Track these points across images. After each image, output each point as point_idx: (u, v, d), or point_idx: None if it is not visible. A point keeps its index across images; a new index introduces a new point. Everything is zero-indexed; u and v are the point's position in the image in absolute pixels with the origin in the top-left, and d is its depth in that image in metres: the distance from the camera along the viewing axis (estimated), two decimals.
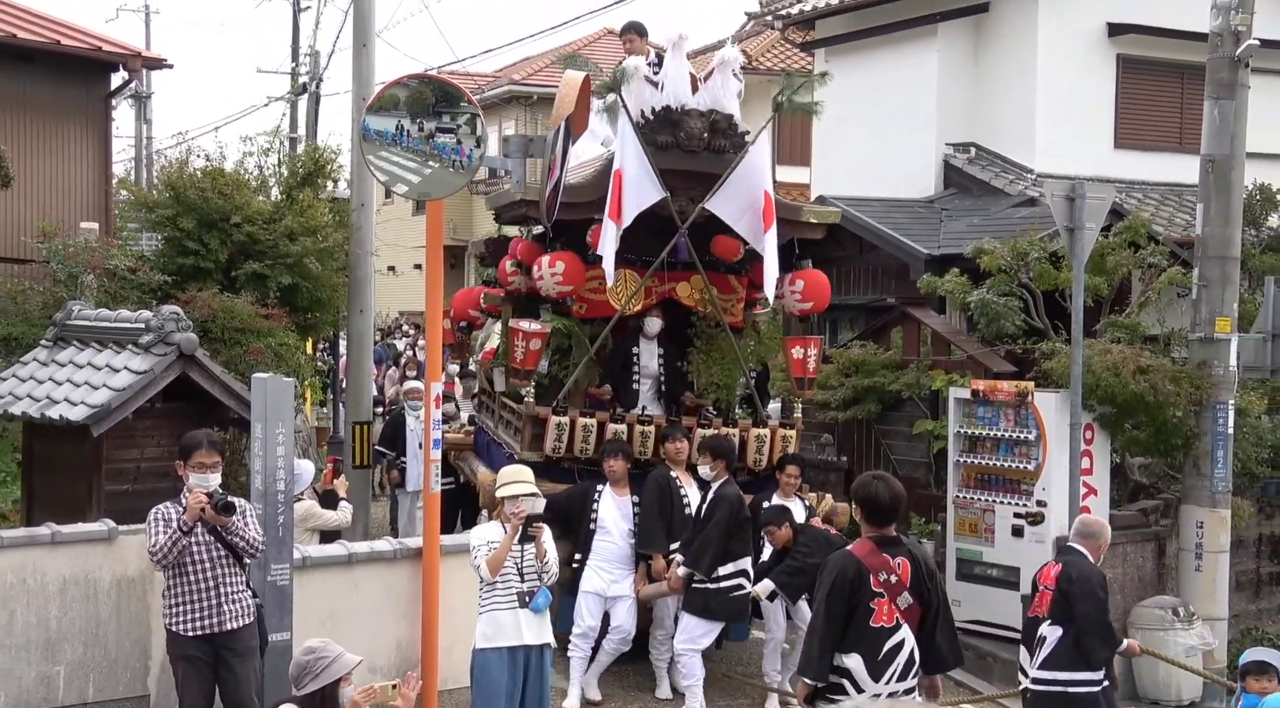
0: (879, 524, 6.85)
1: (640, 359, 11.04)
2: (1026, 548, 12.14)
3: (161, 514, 7.20)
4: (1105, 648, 8.25)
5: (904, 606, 6.73)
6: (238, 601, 7.32)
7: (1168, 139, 18.05)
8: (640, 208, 10.12)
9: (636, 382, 11.02)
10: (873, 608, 6.70)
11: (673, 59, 10.62)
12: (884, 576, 6.71)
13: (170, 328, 9.75)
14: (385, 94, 8.26)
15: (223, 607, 7.23)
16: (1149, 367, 12.20)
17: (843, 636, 6.73)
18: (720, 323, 10.96)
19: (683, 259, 10.75)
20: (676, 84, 10.55)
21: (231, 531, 7.23)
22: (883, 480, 6.96)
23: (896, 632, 6.72)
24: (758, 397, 11.38)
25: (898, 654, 6.72)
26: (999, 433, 12.47)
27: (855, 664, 6.68)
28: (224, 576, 7.26)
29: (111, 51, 17.06)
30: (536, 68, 34.25)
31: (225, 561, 7.28)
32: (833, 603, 6.74)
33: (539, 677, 7.77)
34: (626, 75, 10.39)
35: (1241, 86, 12.33)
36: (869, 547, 6.80)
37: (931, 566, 7.02)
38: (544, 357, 10.63)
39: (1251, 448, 13.41)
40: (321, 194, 17.98)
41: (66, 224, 15.31)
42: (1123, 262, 13.64)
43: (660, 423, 10.58)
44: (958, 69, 18.45)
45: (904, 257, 15.41)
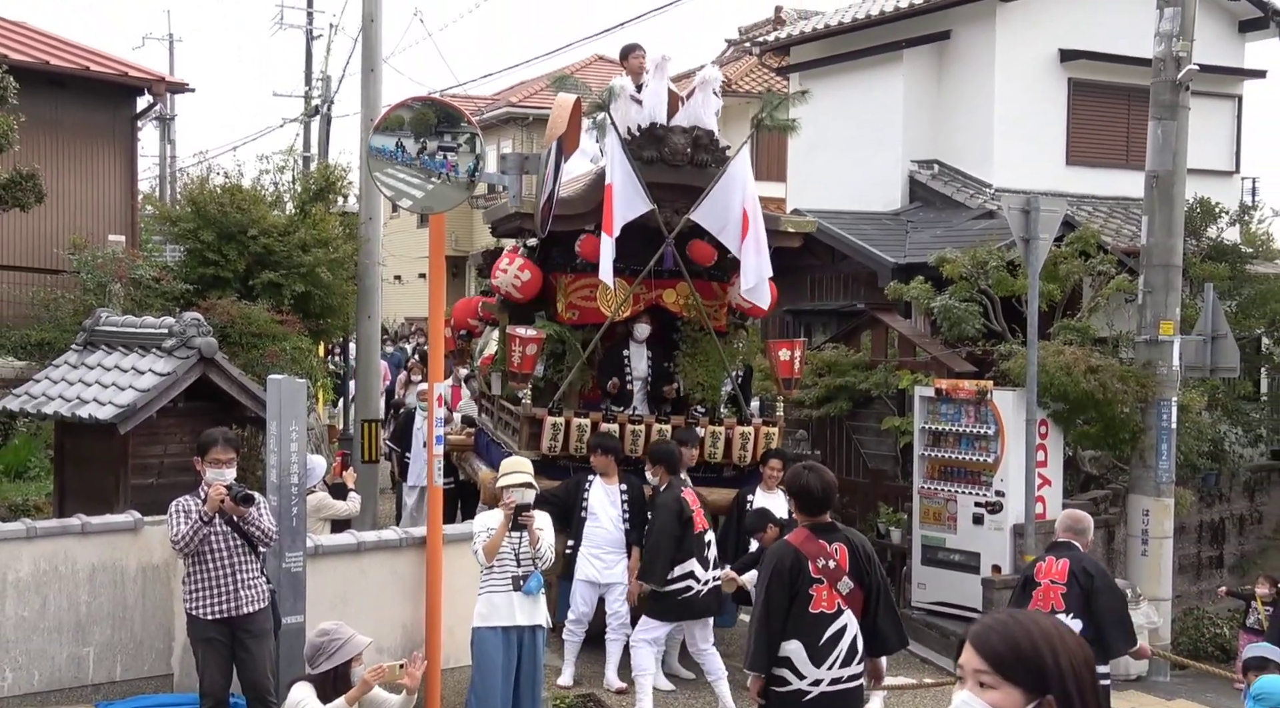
0: (813, 513, 6.51)
1: (631, 362, 10.98)
2: (986, 535, 12.16)
3: (182, 506, 7.20)
4: (1126, 643, 8.11)
5: (845, 591, 6.36)
6: (253, 586, 7.30)
7: (1115, 156, 18.08)
8: (629, 219, 10.07)
9: (629, 383, 10.95)
10: (812, 594, 6.34)
11: (656, 79, 10.59)
12: (822, 562, 6.35)
13: (191, 333, 9.71)
14: (391, 115, 8.23)
15: (239, 592, 7.21)
16: (1099, 367, 12.22)
17: (783, 625, 6.34)
18: (705, 327, 10.84)
19: (669, 267, 10.67)
20: (659, 103, 10.52)
21: (248, 521, 7.21)
22: (814, 471, 6.62)
23: (838, 618, 6.35)
24: (741, 397, 11.22)
25: (840, 640, 6.35)
26: (960, 428, 12.48)
27: (795, 650, 6.31)
28: (240, 563, 7.25)
29: (137, 77, 17.03)
30: (532, 91, 34.20)
31: (241, 549, 7.27)
32: (773, 593, 6.38)
33: (532, 655, 7.72)
34: (614, 95, 10.36)
35: (1182, 108, 12.36)
36: (805, 535, 6.46)
37: (869, 550, 6.58)
38: (539, 361, 10.55)
39: (1193, 442, 13.45)
40: (332, 208, 17.99)
41: (95, 237, 15.30)
42: (1074, 270, 13.67)
43: (650, 423, 10.48)
44: (921, 92, 18.47)
45: (873, 265, 15.42)
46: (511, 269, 10.66)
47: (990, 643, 2.60)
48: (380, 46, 14.86)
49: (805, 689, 6.27)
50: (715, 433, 10.57)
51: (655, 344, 11.08)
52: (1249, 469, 15.08)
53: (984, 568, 12.03)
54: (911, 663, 11.49)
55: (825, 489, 6.48)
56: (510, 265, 10.67)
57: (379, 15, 14.71)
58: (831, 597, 6.33)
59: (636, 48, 11.30)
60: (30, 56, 15.57)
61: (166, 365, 9.55)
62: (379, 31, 14.77)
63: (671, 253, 10.52)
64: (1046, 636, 2.60)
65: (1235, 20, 18.79)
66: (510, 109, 33.51)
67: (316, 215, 16.85)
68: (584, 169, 11.44)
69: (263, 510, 7.38)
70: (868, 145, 18.43)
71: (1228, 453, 14.71)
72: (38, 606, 7.78)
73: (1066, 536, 8.21)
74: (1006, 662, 2.57)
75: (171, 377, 9.46)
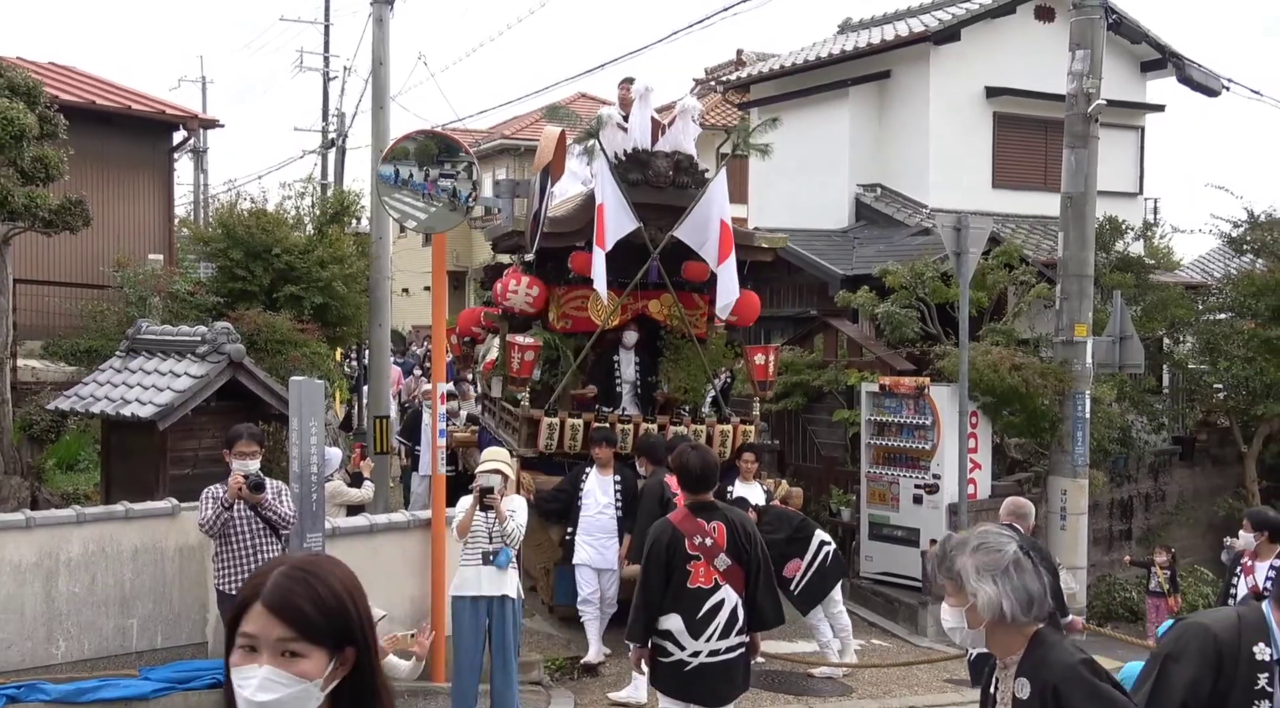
0: (694, 490, 6.18)
1: (620, 367, 10.83)
2: (925, 513, 12.20)
3: (211, 493, 7.22)
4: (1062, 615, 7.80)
5: (722, 567, 6.03)
6: None
7: (1035, 180, 18.14)
8: (618, 236, 9.97)
9: (619, 386, 10.82)
10: (689, 570, 6.02)
11: (640, 109, 10.47)
12: (699, 539, 6.04)
13: (222, 340, 9.68)
14: (397, 146, 8.22)
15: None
16: (1022, 365, 12.27)
17: (661, 599, 6.04)
18: (687, 335, 10.71)
19: (654, 280, 10.56)
20: (644, 130, 10.43)
21: (264, 506, 7.21)
22: (697, 450, 6.31)
23: (716, 592, 6.03)
24: (721, 399, 11.09)
25: (718, 613, 6.03)
26: (902, 420, 12.51)
27: (675, 624, 6.02)
28: (261, 544, 7.26)
29: (173, 114, 16.94)
30: (523, 124, 34.11)
31: (263, 532, 7.29)
32: (650, 568, 6.08)
33: (501, 622, 7.52)
34: (602, 123, 10.28)
35: (1093, 138, 12.42)
36: (684, 513, 6.17)
37: (750, 530, 6.21)
38: (537, 366, 10.44)
39: (1104, 430, 13.51)
40: (347, 229, 17.93)
41: (136, 256, 15.21)
42: (1000, 280, 13.72)
43: (638, 422, 10.37)
44: (865, 124, 18.51)
45: (824, 276, 15.44)
46: (521, 289, 10.49)
47: (296, 607, 2.00)
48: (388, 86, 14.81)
49: (686, 660, 6.03)
50: (697, 431, 10.43)
51: (642, 350, 10.95)
52: (1153, 453, 15.16)
53: (923, 542, 12.06)
54: (860, 626, 11.52)
55: (705, 467, 6.13)
56: (519, 285, 10.50)
57: (387, 59, 14.67)
58: (709, 573, 6.03)
59: (631, 80, 11.18)
60: (78, 97, 15.47)
61: (200, 369, 9.51)
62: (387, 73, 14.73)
63: (657, 267, 10.42)
64: (345, 583, 2.10)
65: (1138, 61, 18.88)
66: (504, 141, 33.43)
67: (333, 236, 16.80)
68: (575, 190, 11.39)
69: (283, 497, 7.36)
70: (819, 171, 18.46)
71: (1135, 439, 14.78)
72: (87, 582, 7.74)
73: (1009, 519, 7.89)
74: (317, 625, 2.01)
75: (205, 379, 9.42)
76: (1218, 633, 3.49)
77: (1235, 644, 3.48)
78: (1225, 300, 15.45)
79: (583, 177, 11.43)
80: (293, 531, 7.55)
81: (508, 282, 10.55)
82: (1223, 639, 3.48)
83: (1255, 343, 14.24)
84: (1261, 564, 7.82)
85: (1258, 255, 15.76)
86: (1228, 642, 3.48)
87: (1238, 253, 16.29)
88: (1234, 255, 16.63)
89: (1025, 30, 18.01)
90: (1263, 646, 3.52)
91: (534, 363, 10.27)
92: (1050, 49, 16.21)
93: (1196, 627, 3.57)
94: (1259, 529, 7.83)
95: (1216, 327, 15.15)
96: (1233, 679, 3.47)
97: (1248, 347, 14.33)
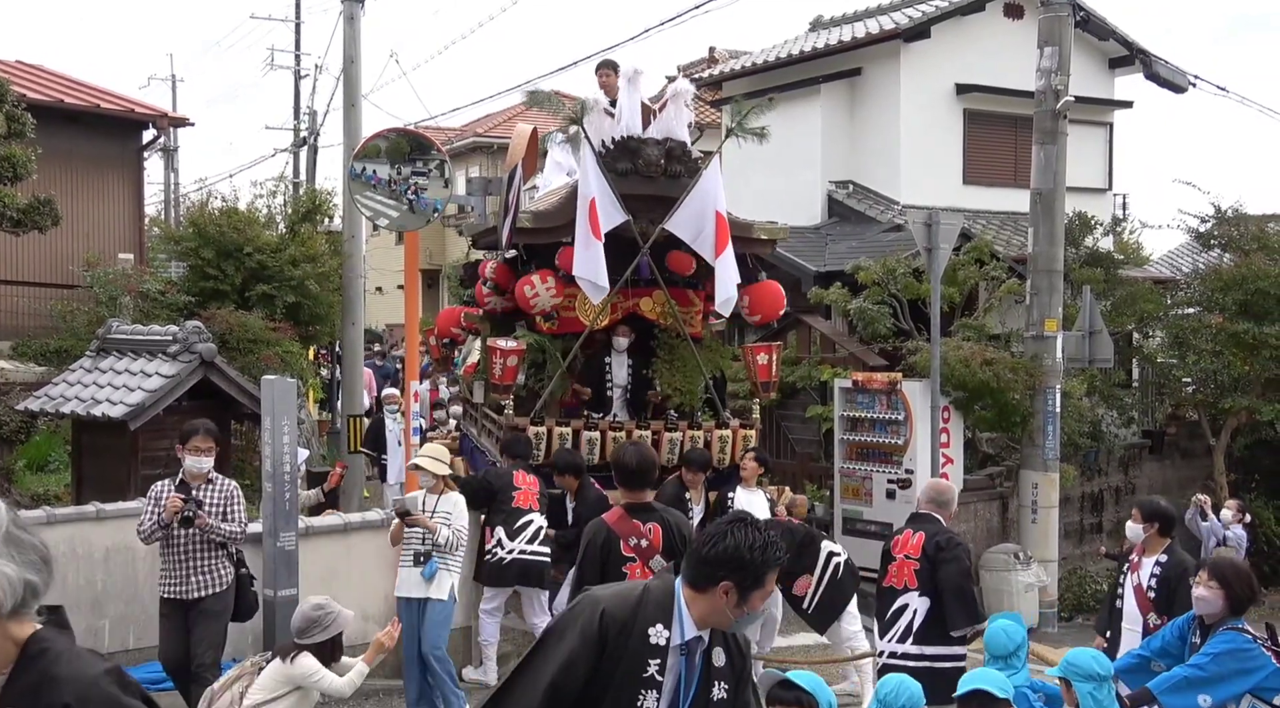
0: (630, 488, 6.01)
1: (612, 370, 10.17)
2: (898, 507, 12.19)
3: (154, 494, 7.01)
4: (966, 617, 6.69)
5: (657, 569, 5.78)
6: (208, 573, 7.03)
7: (1005, 176, 18.22)
8: (605, 230, 9.22)
9: (610, 390, 10.13)
10: (625, 573, 5.86)
11: (628, 93, 9.73)
12: (634, 540, 5.94)
13: (194, 339, 9.62)
14: (369, 144, 8.23)
15: (190, 578, 6.99)
16: (993, 359, 12.32)
17: None
18: (681, 334, 10.07)
19: (645, 276, 9.88)
20: (633, 116, 9.68)
21: (208, 529, 6.95)
22: (634, 447, 6.18)
23: None
24: (718, 401, 10.37)
25: None
26: (875, 415, 12.53)
27: None
28: (196, 553, 7.00)
29: (143, 113, 16.82)
30: (496, 122, 34.05)
31: (199, 540, 7.01)
32: (585, 569, 5.96)
33: (426, 623, 7.63)
34: (587, 109, 9.50)
35: (1062, 134, 12.48)
36: (619, 514, 6.03)
37: (686, 531, 6.08)
38: (521, 371, 9.78)
39: (1075, 424, 13.58)
40: (319, 228, 17.86)
41: (107, 255, 15.09)
42: (971, 275, 13.78)
43: (630, 429, 9.63)
44: (837, 121, 18.55)
45: (797, 273, 15.47)
46: (541, 288, 9.59)
47: None
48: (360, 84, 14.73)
49: None
50: (694, 437, 9.80)
51: (634, 352, 10.25)
52: (1123, 447, 15.25)
53: None
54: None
55: (641, 463, 5.95)
56: (538, 286, 9.60)
57: (358, 57, 14.59)
58: (645, 575, 5.76)
59: (606, 66, 10.58)
60: (47, 95, 15.34)
61: (171, 369, 9.45)
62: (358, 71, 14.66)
63: (648, 262, 9.74)
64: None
65: (1106, 57, 19.00)
66: (476, 138, 33.37)
67: (305, 234, 16.73)
68: (560, 181, 10.83)
69: (233, 506, 7.09)
70: (791, 168, 18.48)
71: (1105, 433, 14.86)
72: (58, 583, 7.65)
73: (929, 507, 6.96)
74: None
75: (176, 378, 9.36)
76: (608, 608, 3.11)
77: (627, 623, 3.11)
78: (1193, 295, 15.57)
79: (567, 167, 10.87)
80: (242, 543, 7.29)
81: (522, 290, 9.69)
82: (611, 615, 3.10)
83: (1223, 337, 14.35)
84: (1148, 560, 6.89)
85: (1225, 250, 15.88)
86: (617, 619, 3.10)
87: (1205, 248, 16.40)
88: (1202, 250, 16.73)
89: (994, 27, 18.08)
90: (660, 628, 3.13)
91: (517, 368, 9.63)
92: (1019, 46, 16.27)
93: (587, 599, 3.18)
94: (1148, 520, 6.95)
95: (1185, 321, 15.25)
96: (616, 661, 3.08)
97: (1215, 341, 14.44)
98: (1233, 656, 5.36)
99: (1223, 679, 5.34)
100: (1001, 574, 12.09)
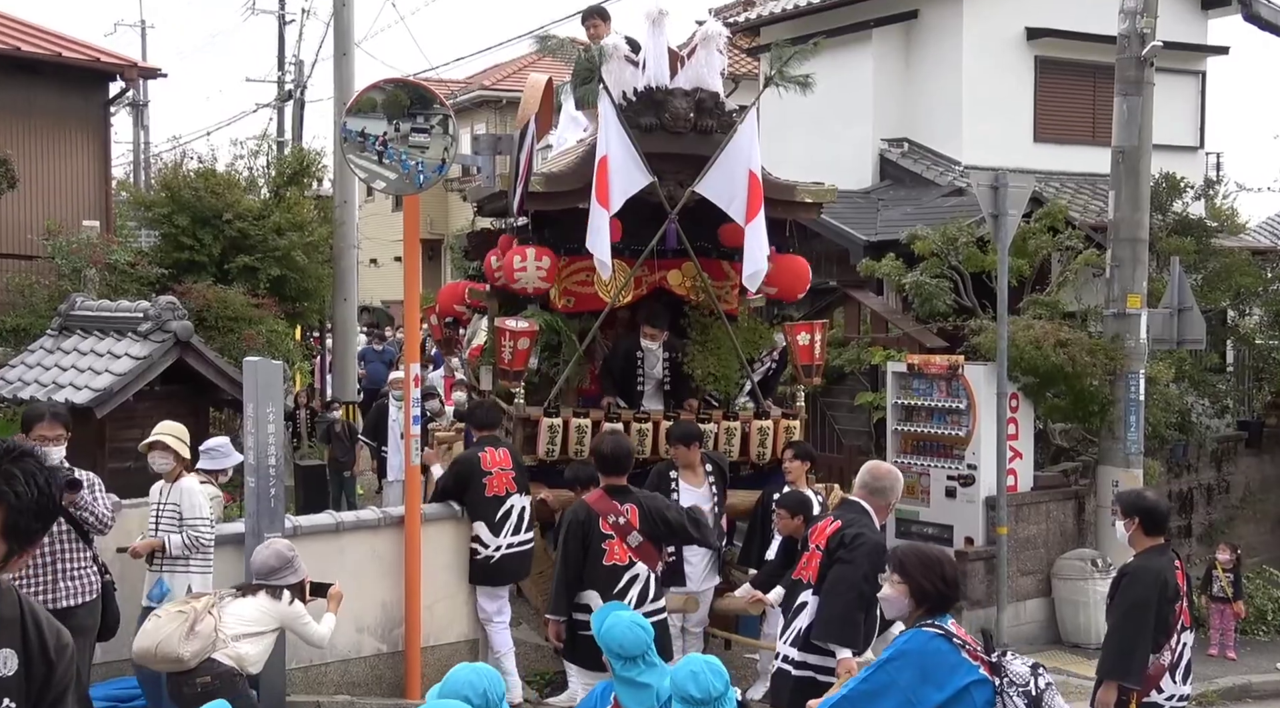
0: (608, 474, 7.40)
1: (644, 364, 9.80)
2: (959, 508, 12.20)
3: None
4: (827, 632, 6.30)
5: (635, 544, 7.27)
6: (77, 578, 6.71)
7: (1082, 133, 18.11)
8: (628, 194, 9.06)
9: (641, 384, 9.84)
10: (604, 549, 7.23)
11: (653, 37, 9.48)
12: (613, 519, 7.26)
13: (168, 316, 9.68)
14: (364, 97, 8.18)
15: (59, 583, 6.61)
16: (1068, 340, 12.26)
17: (580, 575, 7.22)
18: (715, 312, 9.81)
19: (673, 246, 9.63)
20: (658, 63, 9.42)
21: (79, 506, 6.61)
22: (614, 435, 7.63)
23: (630, 568, 7.27)
24: (759, 390, 10.08)
25: (632, 587, 7.25)
26: (933, 403, 12.50)
27: (594, 598, 7.12)
28: (63, 550, 6.65)
29: (109, 63, 16.86)
30: (505, 73, 34.07)
31: (66, 535, 6.66)
32: (568, 545, 7.26)
33: None
34: (605, 55, 9.25)
35: (1147, 84, 12.39)
36: (599, 495, 7.38)
37: (664, 514, 7.44)
38: (533, 354, 9.55)
39: (1160, 413, 13.50)
40: (307, 192, 17.91)
41: (69, 223, 15.17)
42: (1043, 245, 13.70)
43: (658, 420, 9.46)
44: (891, 70, 18.47)
45: (844, 243, 15.41)
46: (531, 264, 9.45)
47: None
48: (352, 30, 14.82)
49: None
50: (730, 429, 9.63)
51: (671, 347, 9.92)
52: (1216, 440, 15.16)
53: (957, 540, 12.09)
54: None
55: (616, 451, 7.42)
56: (528, 261, 9.45)
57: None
58: (623, 550, 7.26)
59: (595, 15, 10.34)
60: (1, 43, 15.42)
61: (143, 349, 9.51)
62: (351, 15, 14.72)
63: (675, 230, 9.50)
64: None
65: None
66: (483, 92, 33.40)
67: (291, 199, 16.78)
68: (576, 138, 10.71)
69: (97, 494, 6.79)
70: (838, 124, 18.41)
71: (1195, 424, 14.78)
72: None
73: (859, 494, 6.61)
74: None
75: (148, 360, 9.42)
76: None
77: None
78: None
79: (584, 123, 10.77)
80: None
81: (511, 259, 9.55)
82: None
83: None
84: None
85: None
86: None
87: None
88: None
89: None
90: None
91: (528, 352, 9.43)
92: None
93: None
94: (1128, 515, 6.75)
95: None
96: None
97: None
98: (910, 659, 4.47)
99: (891, 691, 4.45)
100: (1076, 583, 12.06)
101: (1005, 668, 4.44)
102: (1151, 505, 6.79)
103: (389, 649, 8.56)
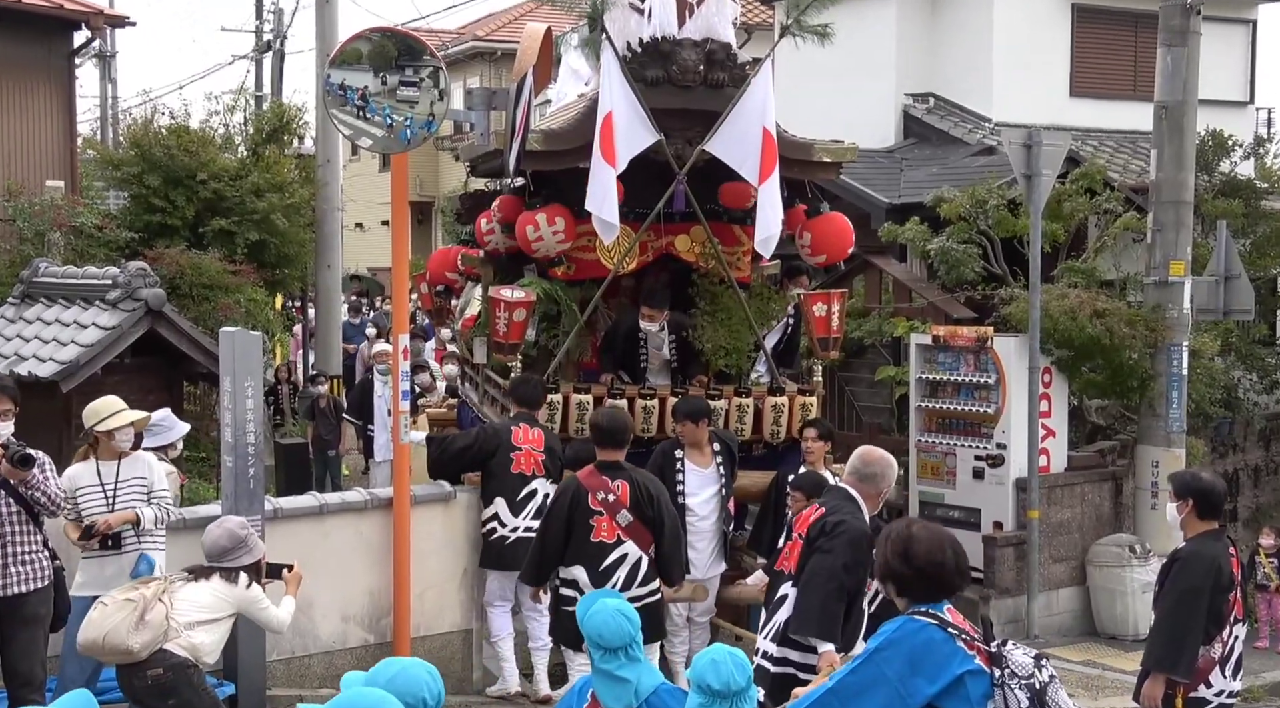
0: (605, 447, 7.66)
1: (648, 344, 9.81)
2: (987, 490, 12.22)
3: None
4: (806, 619, 6.19)
5: (624, 523, 7.50)
6: (28, 562, 6.66)
7: (1122, 87, 18.06)
8: (633, 153, 8.90)
9: (644, 361, 9.84)
10: (592, 525, 7.49)
11: None
12: (602, 495, 7.51)
13: (138, 284, 9.68)
14: (348, 48, 8.15)
15: (8, 568, 6.57)
16: (1105, 310, 12.25)
17: (564, 551, 7.52)
18: (726, 279, 9.68)
19: (680, 209, 9.46)
20: (665, 11, 9.31)
21: (29, 485, 6.57)
22: (611, 411, 8.04)
23: (618, 547, 7.51)
24: (771, 361, 10.00)
25: (619, 566, 7.50)
26: (959, 378, 12.50)
27: (580, 575, 7.46)
28: (13, 534, 6.60)
29: (73, 9, 16.78)
30: (500, 23, 33.97)
31: (16, 517, 6.62)
32: (549, 522, 7.61)
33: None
34: (608, 3, 9.14)
35: (1193, 33, 12.33)
36: (589, 471, 7.63)
37: (654, 490, 7.68)
38: (530, 326, 9.51)
39: (1205, 389, 13.50)
40: (287, 151, 17.93)
41: (32, 183, 15.15)
42: (1079, 208, 13.66)
43: (664, 395, 9.39)
44: (916, 20, 18.39)
45: (865, 206, 15.38)
46: (546, 229, 9.31)
47: None
48: None
49: None
50: (742, 406, 9.50)
51: (677, 326, 9.83)
52: (1265, 417, 15.17)
53: (985, 525, 12.11)
54: None
55: (612, 424, 7.74)
56: (543, 226, 9.30)
57: None
58: (611, 528, 7.51)
59: None
60: None
61: (111, 319, 9.51)
62: None
63: (684, 192, 9.29)
64: None
65: None
66: (476, 43, 33.28)
67: (270, 158, 16.76)
68: (577, 92, 10.66)
69: (48, 472, 6.73)
70: (859, 78, 18.33)
71: (1242, 400, 14.78)
72: None
73: (847, 480, 6.53)
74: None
75: (117, 331, 9.43)
76: None
77: None
78: None
79: (585, 75, 10.72)
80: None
81: (524, 230, 9.43)
82: None
83: None
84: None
85: None
86: None
87: None
88: None
89: None
90: None
91: (525, 324, 9.36)
92: None
93: None
94: (1181, 497, 6.71)
95: None
96: None
97: None
98: (898, 649, 4.41)
99: (880, 685, 4.39)
100: (1114, 571, 12.08)
101: (1006, 659, 4.36)
102: (1207, 487, 6.71)
103: (376, 640, 8.58)
